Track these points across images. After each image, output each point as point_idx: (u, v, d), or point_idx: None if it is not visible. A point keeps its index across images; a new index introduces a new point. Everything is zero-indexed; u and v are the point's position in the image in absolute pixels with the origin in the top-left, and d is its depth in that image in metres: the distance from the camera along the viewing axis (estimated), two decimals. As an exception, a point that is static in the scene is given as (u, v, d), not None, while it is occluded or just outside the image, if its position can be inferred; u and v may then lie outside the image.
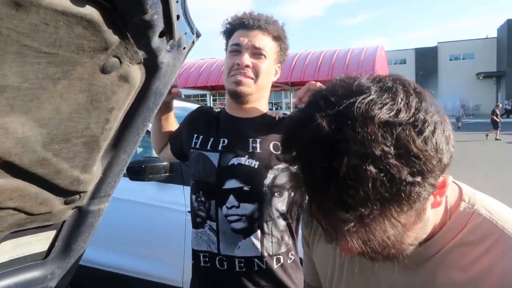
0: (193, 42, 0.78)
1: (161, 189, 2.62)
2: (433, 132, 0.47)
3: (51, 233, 0.91)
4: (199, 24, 0.95)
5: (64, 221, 0.91)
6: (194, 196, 1.28)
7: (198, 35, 0.79)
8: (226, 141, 1.26)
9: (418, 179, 0.46)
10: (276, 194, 1.20)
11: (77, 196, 0.84)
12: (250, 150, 1.22)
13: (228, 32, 1.31)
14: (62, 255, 0.97)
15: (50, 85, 0.59)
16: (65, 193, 0.79)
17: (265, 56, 1.25)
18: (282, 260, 1.25)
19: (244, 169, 1.19)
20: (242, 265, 1.21)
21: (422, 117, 0.47)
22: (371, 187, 0.43)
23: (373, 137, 0.44)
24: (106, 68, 0.63)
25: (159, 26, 0.64)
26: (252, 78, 1.24)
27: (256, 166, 1.19)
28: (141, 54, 0.67)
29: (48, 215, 0.81)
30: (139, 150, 3.22)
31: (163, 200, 2.60)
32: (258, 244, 1.21)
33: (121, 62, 0.65)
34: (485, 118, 30.01)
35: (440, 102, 0.52)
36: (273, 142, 1.23)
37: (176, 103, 4.57)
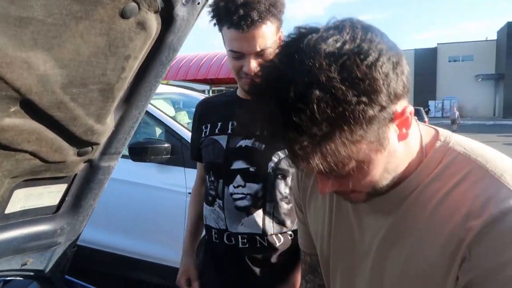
0: (207, -1, 0.81)
1: (162, 171, 2.64)
2: (378, 58, 0.51)
3: (62, 187, 0.93)
4: (201, 22, 0.96)
5: (75, 176, 0.93)
6: (207, 177, 1.34)
7: (212, -9, 0.80)
8: (235, 123, 1.29)
9: (363, 98, 0.49)
10: (279, 176, 1.24)
11: (90, 148, 0.86)
12: (258, 133, 1.24)
13: (218, 22, 1.19)
14: (71, 211, 0.99)
15: (73, 23, 0.61)
16: (79, 143, 0.81)
17: (269, 49, 1.16)
18: (282, 240, 1.28)
19: (251, 151, 1.23)
20: (245, 241, 1.26)
21: (366, 47, 0.51)
22: (317, 108, 0.48)
23: (318, 66, 0.49)
24: (125, 12, 0.65)
25: (178, -28, 0.66)
26: None
27: (262, 149, 1.23)
28: (158, 2, 0.69)
29: (61, 165, 0.83)
30: (141, 137, 3.24)
31: (164, 182, 2.62)
32: (260, 222, 1.24)
33: (139, 8, 0.67)
34: (483, 120, 30.12)
35: (438, 103, 0.54)
36: None
37: (177, 90, 4.51)
